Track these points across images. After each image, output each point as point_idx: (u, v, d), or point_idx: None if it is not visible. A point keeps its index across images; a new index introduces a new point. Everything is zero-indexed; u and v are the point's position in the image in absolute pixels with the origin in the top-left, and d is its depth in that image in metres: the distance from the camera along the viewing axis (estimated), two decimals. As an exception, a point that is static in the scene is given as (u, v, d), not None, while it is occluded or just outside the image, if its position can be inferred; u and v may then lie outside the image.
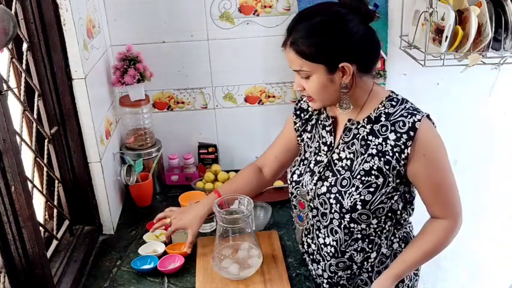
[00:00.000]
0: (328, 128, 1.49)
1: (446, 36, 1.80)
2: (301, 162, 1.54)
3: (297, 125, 1.59)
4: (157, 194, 2.14)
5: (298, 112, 1.59)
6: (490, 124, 2.31)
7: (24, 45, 1.54)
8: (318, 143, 1.51)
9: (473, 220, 2.46)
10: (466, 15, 1.80)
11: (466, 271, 2.58)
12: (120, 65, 1.97)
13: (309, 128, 1.56)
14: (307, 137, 1.55)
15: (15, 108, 1.40)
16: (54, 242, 1.63)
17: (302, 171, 1.51)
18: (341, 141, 1.45)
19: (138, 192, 2.02)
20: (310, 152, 1.52)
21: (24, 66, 1.52)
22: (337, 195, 1.41)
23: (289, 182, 1.56)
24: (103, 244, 1.81)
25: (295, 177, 1.53)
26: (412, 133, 1.33)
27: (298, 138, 1.59)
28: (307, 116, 1.56)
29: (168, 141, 2.20)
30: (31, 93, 1.58)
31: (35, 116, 1.57)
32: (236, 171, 2.18)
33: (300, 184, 1.50)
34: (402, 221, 1.47)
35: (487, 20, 1.77)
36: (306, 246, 1.57)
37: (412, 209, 1.49)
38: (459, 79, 2.08)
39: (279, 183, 2.08)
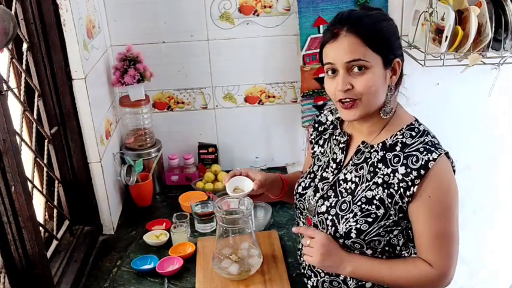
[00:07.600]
0: (341, 145, 1.43)
1: (446, 36, 1.80)
2: (308, 175, 1.49)
3: (312, 136, 1.55)
4: (157, 194, 2.14)
5: (316, 125, 1.55)
6: (490, 124, 2.31)
7: (24, 46, 1.54)
8: (327, 159, 1.46)
9: (474, 220, 2.47)
10: (466, 15, 1.80)
11: (466, 271, 2.58)
12: (120, 65, 1.97)
13: (321, 141, 1.52)
14: (319, 151, 1.51)
15: (15, 108, 1.41)
16: (54, 242, 1.63)
17: (307, 185, 1.47)
18: (351, 162, 1.39)
19: (138, 192, 2.02)
20: (319, 167, 1.48)
21: (24, 66, 1.53)
22: (334, 218, 1.34)
23: (294, 193, 1.51)
24: (103, 244, 1.81)
25: (299, 189, 1.48)
26: (423, 172, 1.24)
27: (312, 151, 1.54)
28: (322, 129, 1.53)
29: (168, 141, 2.20)
30: (31, 93, 1.59)
31: (35, 116, 1.57)
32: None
33: (303, 198, 1.46)
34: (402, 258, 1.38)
35: (487, 20, 1.77)
36: (301, 260, 1.52)
37: (415, 250, 1.38)
38: (459, 79, 2.08)
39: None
